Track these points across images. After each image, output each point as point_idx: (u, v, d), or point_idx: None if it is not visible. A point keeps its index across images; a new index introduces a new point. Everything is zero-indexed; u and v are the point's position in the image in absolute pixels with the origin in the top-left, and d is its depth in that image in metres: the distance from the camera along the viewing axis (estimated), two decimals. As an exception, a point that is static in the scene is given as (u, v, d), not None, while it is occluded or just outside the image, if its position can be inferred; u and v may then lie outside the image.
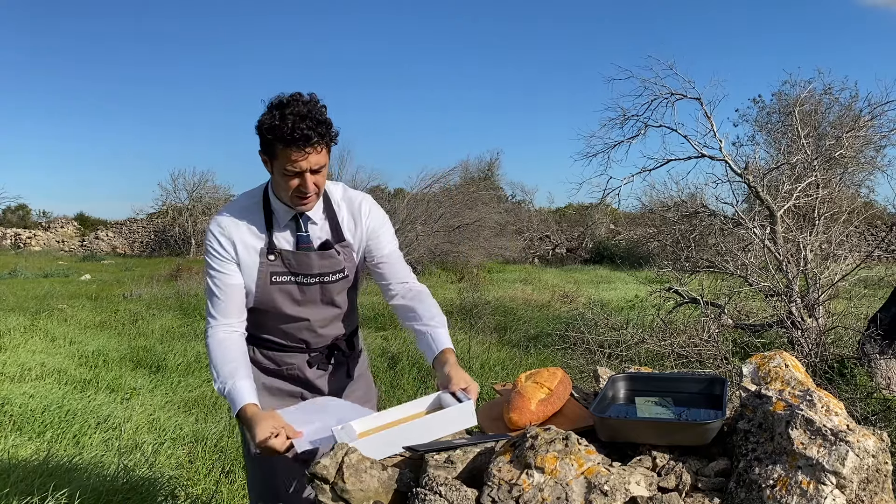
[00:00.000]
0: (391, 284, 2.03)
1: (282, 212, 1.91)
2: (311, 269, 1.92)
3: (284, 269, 1.90)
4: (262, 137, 1.78)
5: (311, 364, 2.04)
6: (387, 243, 2.03)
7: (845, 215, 6.87)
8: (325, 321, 2.02)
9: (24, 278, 15.93)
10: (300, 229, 1.92)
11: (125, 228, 31.12)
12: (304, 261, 1.91)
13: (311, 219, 1.93)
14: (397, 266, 2.03)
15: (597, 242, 24.71)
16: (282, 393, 2.04)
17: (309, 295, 1.95)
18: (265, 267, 1.89)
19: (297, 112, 1.71)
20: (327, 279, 1.94)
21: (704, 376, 1.68)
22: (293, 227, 1.92)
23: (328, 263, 1.93)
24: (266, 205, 1.92)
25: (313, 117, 1.72)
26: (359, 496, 1.32)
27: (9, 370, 5.78)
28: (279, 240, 1.91)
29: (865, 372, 4.91)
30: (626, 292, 11.92)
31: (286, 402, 2.01)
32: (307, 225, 1.92)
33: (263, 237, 1.90)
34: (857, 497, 1.17)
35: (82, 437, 4.18)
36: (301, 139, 1.71)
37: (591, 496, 1.22)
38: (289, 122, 1.70)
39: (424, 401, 1.78)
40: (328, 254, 1.93)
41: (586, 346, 6.42)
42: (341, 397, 2.07)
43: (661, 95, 7.16)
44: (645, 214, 11.21)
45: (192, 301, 10.54)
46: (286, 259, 1.90)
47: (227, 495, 3.47)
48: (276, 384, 2.04)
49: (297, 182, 1.79)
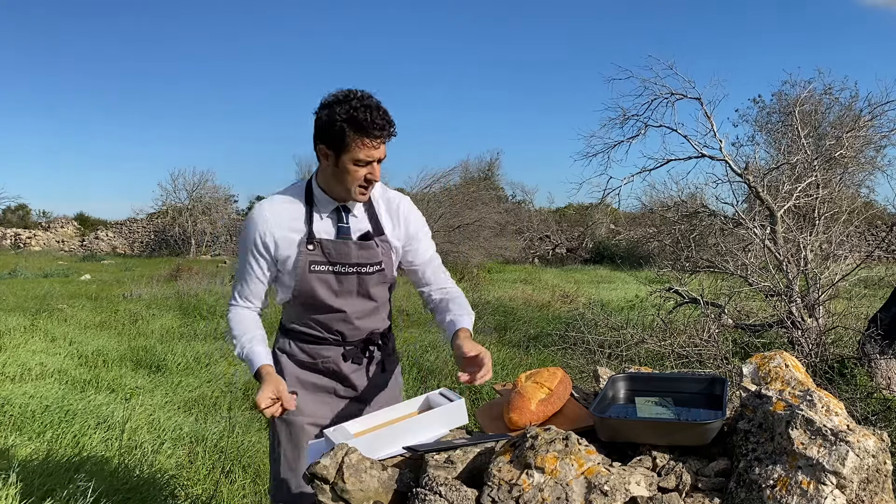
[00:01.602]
0: (431, 290, 2.09)
1: (324, 203, 1.96)
2: (350, 259, 1.95)
3: (323, 258, 1.94)
4: (333, 129, 1.81)
5: (347, 357, 2.05)
6: (427, 248, 2.10)
7: (845, 215, 6.87)
8: (361, 313, 2.03)
9: (24, 278, 15.94)
10: (341, 220, 1.96)
11: (125, 228, 31.12)
12: (343, 250, 1.95)
13: (352, 212, 1.98)
14: (438, 272, 2.10)
15: (597, 242, 24.72)
16: (315, 388, 2.06)
17: (346, 285, 1.97)
18: (304, 256, 1.92)
19: (371, 104, 1.80)
20: (364, 270, 1.97)
21: (704, 376, 1.68)
22: (334, 218, 1.97)
23: (366, 254, 1.97)
24: (308, 197, 1.97)
25: (384, 111, 1.82)
26: (359, 496, 1.32)
27: (9, 370, 5.78)
28: (319, 231, 1.95)
29: (865, 372, 4.91)
30: (626, 292, 11.92)
31: (319, 396, 2.05)
32: (348, 217, 1.97)
33: (304, 228, 1.94)
34: (857, 497, 1.16)
35: (82, 437, 4.18)
36: (378, 128, 1.79)
37: (591, 496, 1.22)
38: (369, 113, 1.78)
39: (415, 402, 1.79)
40: (367, 244, 1.97)
41: (586, 346, 6.42)
42: (375, 392, 2.11)
43: (661, 95, 7.16)
44: (645, 214, 11.23)
45: (191, 301, 10.53)
46: (325, 248, 1.93)
47: (227, 495, 3.47)
48: (311, 378, 2.06)
49: (366, 171, 1.86)
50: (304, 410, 2.01)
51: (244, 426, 4.60)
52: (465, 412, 1.68)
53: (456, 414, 1.67)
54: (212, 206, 29.93)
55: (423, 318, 9.05)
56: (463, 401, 1.69)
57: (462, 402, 1.69)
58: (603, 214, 21.90)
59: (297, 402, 1.96)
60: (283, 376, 2.01)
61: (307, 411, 2.02)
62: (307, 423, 2.01)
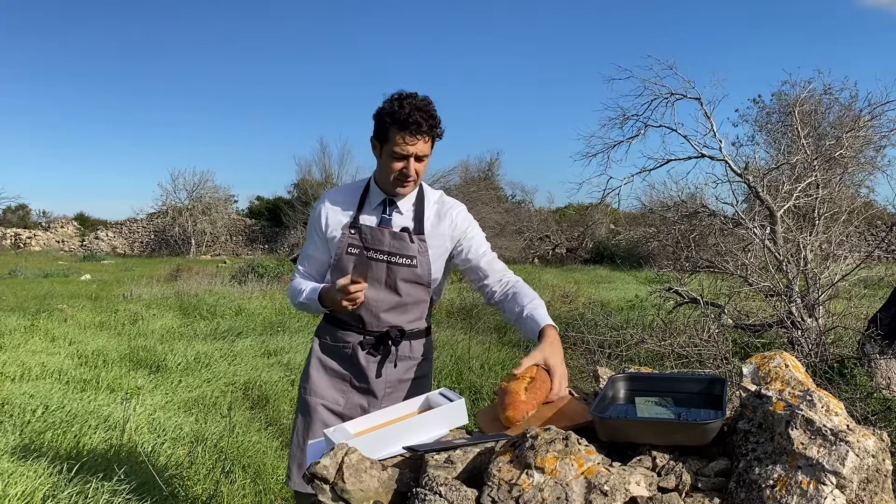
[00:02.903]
0: (490, 282, 2.15)
1: (375, 196, 2.13)
2: (382, 246, 2.08)
3: (360, 242, 2.09)
4: (380, 122, 2.01)
5: (364, 346, 2.14)
6: (480, 244, 2.20)
7: (845, 215, 6.87)
8: (384, 305, 2.10)
9: (24, 278, 15.95)
10: (384, 212, 2.11)
11: (125, 228, 31.13)
12: (378, 237, 2.09)
13: (398, 207, 2.12)
14: (493, 263, 2.18)
15: (597, 242, 24.73)
16: (333, 373, 2.17)
17: (375, 272, 2.07)
18: (345, 238, 2.10)
19: (414, 104, 1.95)
20: (395, 260, 2.08)
21: (704, 376, 1.68)
22: (380, 210, 2.12)
23: (398, 245, 2.08)
24: (365, 190, 2.15)
25: (427, 110, 1.97)
26: (359, 496, 1.32)
27: (9, 370, 5.78)
28: (364, 219, 2.11)
29: (865, 372, 4.91)
30: (626, 292, 11.92)
31: (335, 382, 2.16)
32: (392, 210, 2.12)
33: (353, 214, 2.12)
34: (857, 497, 1.17)
35: (82, 437, 4.18)
36: (414, 124, 1.94)
37: (591, 496, 1.22)
38: (406, 109, 1.94)
39: (415, 401, 1.79)
40: (401, 235, 2.09)
41: (586, 346, 6.42)
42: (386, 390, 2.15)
43: (661, 95, 7.17)
44: (645, 214, 11.22)
45: (192, 301, 10.54)
46: (364, 233, 2.09)
47: (227, 495, 3.47)
48: (331, 363, 2.17)
49: (401, 165, 2.01)
50: (318, 391, 2.15)
51: (244, 426, 4.60)
52: (465, 412, 1.69)
53: (456, 414, 1.67)
54: (212, 206, 29.96)
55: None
56: (463, 401, 1.70)
57: (462, 402, 1.69)
58: (603, 214, 21.92)
59: (315, 383, 2.15)
60: (311, 357, 2.20)
61: (321, 392, 2.15)
62: (320, 404, 2.14)
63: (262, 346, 7.47)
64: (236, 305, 10.29)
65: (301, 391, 2.21)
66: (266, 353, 7.16)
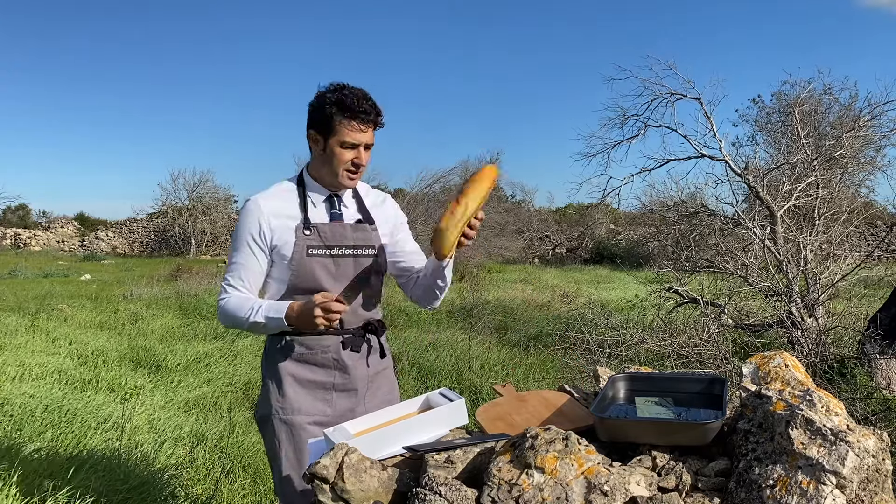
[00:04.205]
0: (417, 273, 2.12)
1: (316, 192, 2.04)
2: (346, 241, 2.01)
3: (320, 241, 1.99)
4: (320, 113, 1.93)
5: (346, 345, 2.05)
6: (409, 238, 2.20)
7: (845, 215, 6.87)
8: (358, 299, 2.06)
9: (24, 278, 15.94)
10: (334, 207, 2.04)
11: (125, 228, 31.11)
12: (339, 231, 2.01)
13: (343, 201, 2.07)
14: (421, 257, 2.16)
15: (597, 242, 24.72)
16: (314, 385, 2.03)
17: (343, 269, 2.02)
18: (301, 241, 1.97)
19: (358, 92, 1.93)
20: (360, 252, 2.03)
21: (704, 376, 1.68)
22: (327, 206, 2.04)
23: (361, 236, 2.03)
24: (300, 188, 2.04)
25: (371, 99, 1.95)
26: (359, 496, 1.32)
27: (9, 370, 5.77)
28: (314, 217, 2.01)
29: (865, 372, 4.91)
30: (626, 292, 11.92)
31: (317, 393, 2.03)
32: (340, 205, 2.06)
33: (299, 215, 2.00)
34: (857, 497, 1.16)
35: (82, 437, 4.18)
36: (363, 112, 1.91)
37: (591, 496, 1.22)
38: (353, 97, 1.90)
39: (415, 401, 1.79)
40: (361, 226, 2.04)
41: (586, 346, 6.42)
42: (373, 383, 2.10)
43: (661, 95, 7.17)
44: (645, 214, 11.22)
45: (192, 301, 10.54)
46: (321, 232, 1.99)
47: (227, 495, 3.47)
48: (308, 375, 2.03)
49: (352, 155, 1.96)
50: (302, 409, 2.01)
51: (244, 426, 4.60)
52: (465, 412, 1.69)
53: (456, 414, 1.67)
54: (212, 206, 29.93)
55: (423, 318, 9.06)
56: (463, 401, 1.70)
57: (462, 402, 1.69)
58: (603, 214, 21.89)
59: (295, 402, 1.99)
60: (280, 376, 2.02)
61: (305, 409, 2.01)
62: (307, 422, 2.00)
63: (261, 346, 7.44)
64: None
65: (276, 416, 2.00)
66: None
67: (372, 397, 2.09)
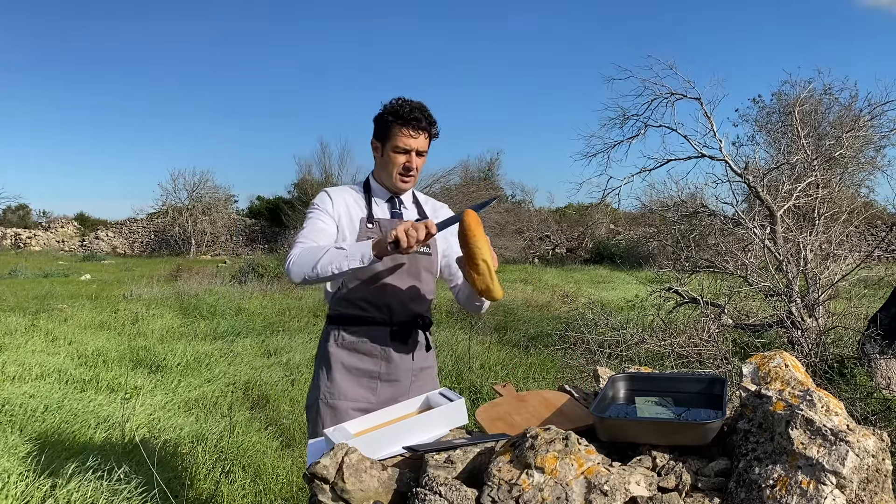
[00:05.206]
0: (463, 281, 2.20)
1: (379, 194, 2.24)
2: None
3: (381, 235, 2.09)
4: (380, 123, 2.16)
5: (394, 337, 2.18)
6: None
7: (845, 215, 6.87)
8: (409, 293, 2.18)
9: (24, 278, 15.94)
10: (394, 207, 2.24)
11: (125, 228, 31.12)
12: None
13: (404, 203, 2.26)
14: None
15: (597, 242, 24.72)
16: (360, 372, 2.17)
17: (399, 263, 2.15)
18: (363, 233, 2.14)
19: (413, 103, 2.15)
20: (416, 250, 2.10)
21: (704, 376, 1.68)
22: (389, 206, 2.24)
23: None
24: (367, 189, 2.26)
25: (425, 109, 2.16)
26: (359, 496, 1.32)
27: (9, 370, 5.77)
28: (378, 213, 2.21)
29: (865, 372, 4.91)
30: (626, 292, 11.92)
31: (363, 381, 2.17)
32: (401, 206, 2.24)
33: (364, 210, 2.20)
34: (857, 497, 1.16)
35: (82, 437, 4.18)
36: (415, 120, 2.12)
37: (591, 496, 1.22)
38: (407, 107, 2.13)
39: (415, 401, 1.80)
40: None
41: (586, 346, 6.42)
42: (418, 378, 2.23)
43: (661, 95, 7.17)
44: (645, 214, 11.22)
45: (192, 301, 10.54)
46: (383, 227, 2.16)
47: (227, 495, 3.47)
48: (357, 363, 2.17)
49: (405, 159, 2.15)
50: (347, 395, 2.15)
51: (244, 426, 4.60)
52: (465, 412, 1.69)
53: (456, 414, 1.68)
54: (212, 206, 29.95)
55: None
56: (463, 401, 1.70)
57: (462, 401, 1.69)
58: (603, 214, 21.89)
59: (342, 387, 2.14)
60: (331, 363, 2.17)
61: (350, 395, 2.15)
62: (351, 407, 2.13)
63: (261, 346, 7.47)
64: (236, 305, 10.30)
65: (323, 400, 2.15)
66: (266, 353, 7.16)
67: (417, 392, 2.17)
